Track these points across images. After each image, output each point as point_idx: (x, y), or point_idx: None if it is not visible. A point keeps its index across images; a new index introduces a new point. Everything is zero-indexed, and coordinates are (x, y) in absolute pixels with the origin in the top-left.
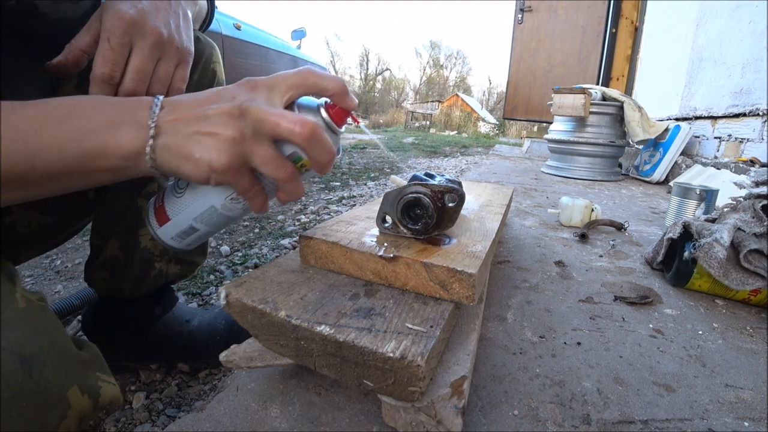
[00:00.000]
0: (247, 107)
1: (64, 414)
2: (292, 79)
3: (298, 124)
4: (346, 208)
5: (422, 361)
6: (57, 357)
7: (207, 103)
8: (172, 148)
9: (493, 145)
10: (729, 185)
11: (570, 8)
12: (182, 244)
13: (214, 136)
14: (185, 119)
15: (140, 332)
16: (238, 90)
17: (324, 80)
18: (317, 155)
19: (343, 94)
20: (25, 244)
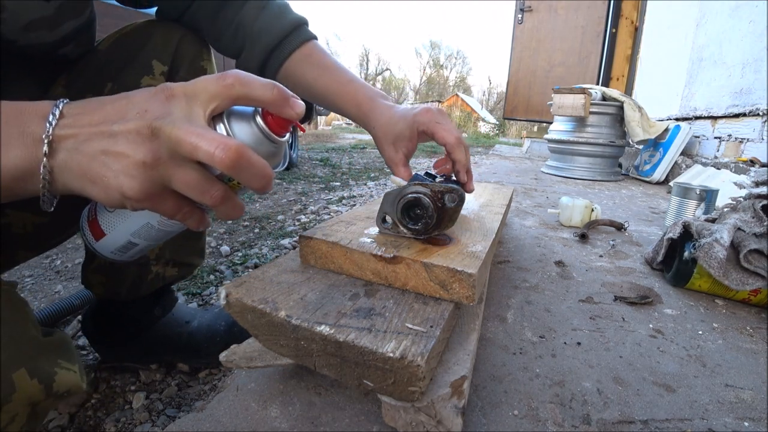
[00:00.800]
0: (159, 127)
1: (7, 397)
2: (215, 89)
3: (220, 147)
4: (346, 208)
5: (422, 361)
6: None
7: (115, 115)
8: (74, 169)
9: (493, 145)
10: (729, 185)
11: (570, 8)
12: (125, 257)
13: (123, 158)
14: (87, 135)
15: (140, 333)
16: (150, 101)
17: (255, 90)
18: (247, 180)
19: (280, 103)
20: (21, 245)
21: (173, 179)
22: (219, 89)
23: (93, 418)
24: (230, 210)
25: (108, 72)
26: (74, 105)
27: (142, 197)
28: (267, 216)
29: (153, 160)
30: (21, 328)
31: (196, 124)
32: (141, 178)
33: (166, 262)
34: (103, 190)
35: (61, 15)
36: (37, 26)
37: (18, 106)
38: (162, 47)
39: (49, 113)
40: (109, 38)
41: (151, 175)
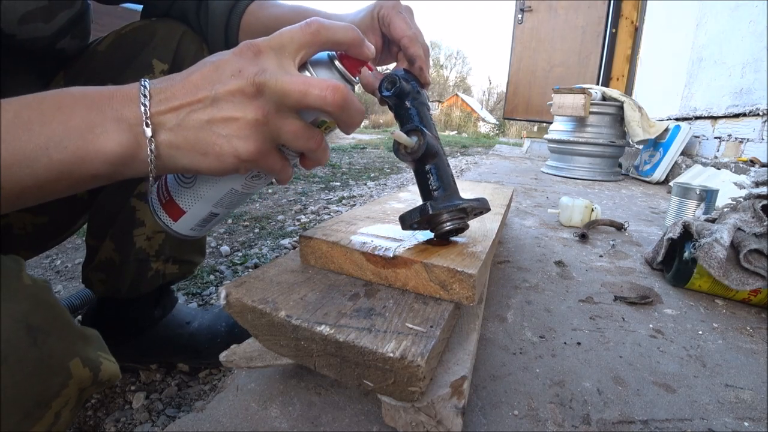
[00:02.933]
0: (263, 81)
1: (65, 383)
2: (301, 37)
3: (329, 90)
4: (346, 208)
5: (422, 361)
6: (60, 329)
7: (207, 81)
8: (183, 145)
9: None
10: (729, 185)
11: (570, 8)
12: (203, 232)
13: (233, 121)
14: (188, 107)
15: (139, 333)
16: (239, 60)
17: (337, 33)
18: (348, 119)
19: (359, 44)
20: (22, 245)
21: (282, 132)
22: (306, 38)
23: (93, 418)
24: (323, 154)
25: (108, 72)
26: (158, 83)
27: (258, 156)
28: (267, 216)
29: (264, 116)
30: (69, 320)
31: (293, 73)
32: (254, 137)
33: (167, 259)
34: (216, 159)
35: (55, 5)
36: (33, 18)
37: (104, 92)
38: (163, 46)
39: (139, 95)
40: (108, 38)
41: (263, 131)
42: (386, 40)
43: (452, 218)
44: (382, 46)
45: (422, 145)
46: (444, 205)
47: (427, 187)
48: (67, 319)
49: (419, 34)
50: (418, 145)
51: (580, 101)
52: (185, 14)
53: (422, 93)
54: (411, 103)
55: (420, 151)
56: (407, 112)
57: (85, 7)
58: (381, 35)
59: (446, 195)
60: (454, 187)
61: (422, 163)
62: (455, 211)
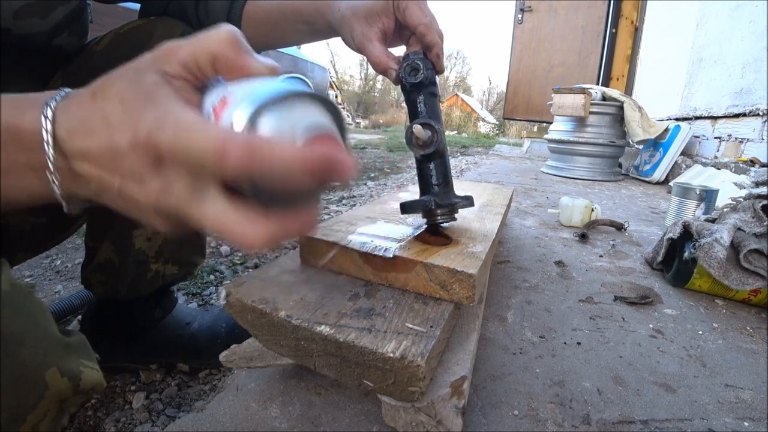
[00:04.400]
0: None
1: (41, 395)
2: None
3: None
4: (346, 208)
5: (422, 361)
6: (37, 338)
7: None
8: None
9: (493, 145)
10: (729, 185)
11: (570, 8)
12: None
13: (135, 203)
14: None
15: (139, 334)
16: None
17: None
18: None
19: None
20: (20, 246)
21: None
22: None
23: (93, 418)
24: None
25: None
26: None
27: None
28: None
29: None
30: (48, 328)
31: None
32: (163, 216)
33: (166, 260)
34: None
35: (52, 1)
36: (28, 13)
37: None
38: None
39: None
40: (106, 37)
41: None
42: (398, 23)
43: (444, 214)
44: (394, 29)
45: (435, 143)
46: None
47: (429, 180)
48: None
49: (435, 20)
50: (431, 141)
51: (580, 101)
52: (184, 12)
53: (437, 83)
54: (426, 92)
55: (432, 147)
56: (421, 101)
57: (83, 4)
58: (394, 19)
59: (444, 192)
60: (451, 184)
61: (429, 158)
62: (449, 208)
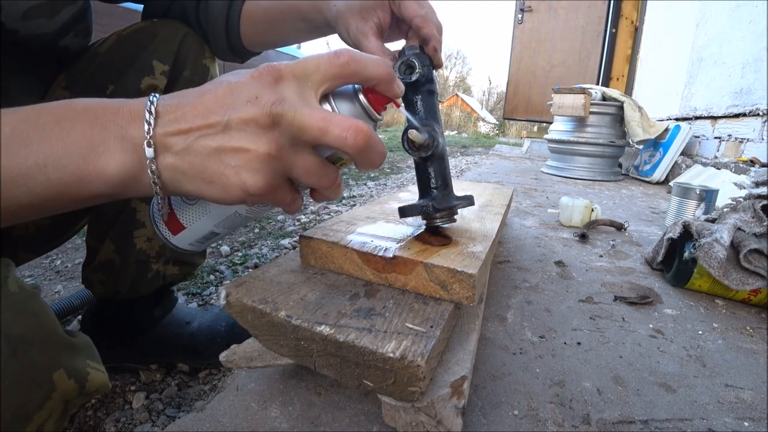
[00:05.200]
0: (281, 112)
1: (48, 395)
2: (328, 68)
3: (351, 131)
4: (346, 208)
5: (422, 361)
6: (44, 340)
7: (220, 105)
8: (188, 171)
9: (493, 145)
10: (729, 185)
11: (570, 8)
12: (200, 248)
13: (244, 152)
14: (198, 131)
15: (139, 334)
16: (257, 85)
17: (367, 67)
18: (368, 161)
19: (389, 81)
20: (22, 247)
21: (295, 167)
22: (333, 69)
23: (93, 418)
24: (336, 191)
25: (109, 74)
26: (168, 99)
27: (267, 190)
28: (267, 216)
29: (277, 150)
30: (54, 330)
31: (313, 106)
32: (265, 171)
33: (167, 261)
34: (221, 190)
35: (58, 2)
36: (36, 14)
37: (109, 107)
38: (164, 47)
39: (144, 111)
40: (109, 39)
41: (274, 166)
42: (395, 17)
43: (443, 216)
44: (391, 22)
45: (433, 146)
46: (441, 206)
47: (427, 183)
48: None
49: (432, 12)
50: (429, 144)
51: (580, 101)
52: (185, 14)
53: (434, 79)
54: (423, 91)
55: (430, 150)
56: (418, 101)
57: (88, 4)
58: (390, 12)
59: (443, 194)
60: (451, 185)
61: (427, 160)
62: (447, 210)
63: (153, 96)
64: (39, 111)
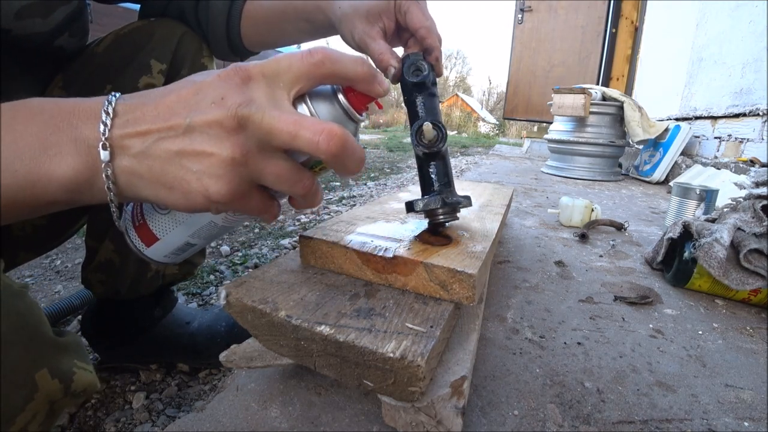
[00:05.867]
0: (247, 115)
1: (30, 396)
2: (301, 68)
3: (323, 135)
4: (346, 208)
5: (422, 361)
6: (27, 339)
7: (183, 106)
8: (145, 175)
9: (493, 145)
10: (729, 185)
11: (570, 8)
12: (177, 260)
13: (206, 157)
14: (157, 133)
15: (139, 334)
16: (224, 85)
17: (345, 66)
18: (344, 168)
19: (369, 80)
20: (21, 247)
21: (264, 173)
22: (307, 68)
23: (93, 418)
24: (314, 198)
25: (106, 73)
26: (128, 99)
27: (232, 198)
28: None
29: (242, 155)
30: (40, 329)
31: (284, 109)
32: (229, 177)
33: None
34: (183, 196)
35: (52, 2)
36: (30, 13)
37: (65, 107)
38: (161, 46)
39: (101, 111)
40: (107, 39)
41: (240, 172)
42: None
43: (447, 213)
44: (394, 30)
45: (440, 142)
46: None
47: (431, 180)
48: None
49: (434, 24)
50: (437, 140)
51: (580, 101)
52: (183, 13)
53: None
54: (426, 93)
55: (436, 147)
56: (422, 101)
57: (83, 4)
58: (395, 20)
59: (447, 191)
60: (453, 183)
61: (432, 157)
62: (452, 206)
63: (112, 95)
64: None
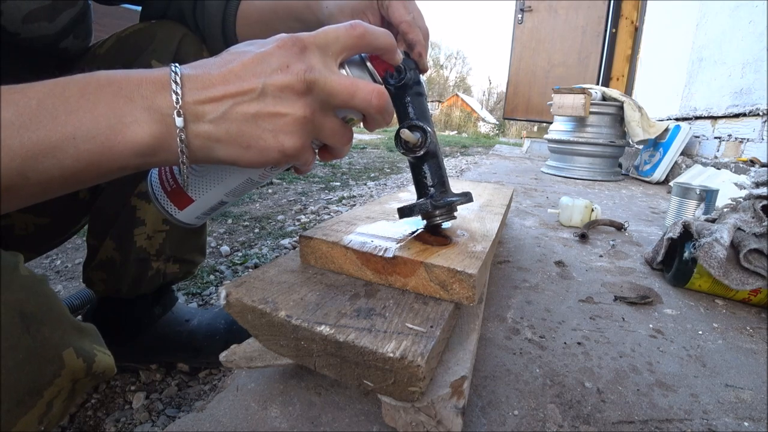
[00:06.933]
0: (314, 80)
1: (57, 372)
2: (347, 40)
3: (374, 94)
4: (346, 208)
5: (422, 361)
6: (55, 319)
7: (251, 73)
8: (223, 137)
9: (493, 145)
10: (729, 185)
11: (570, 8)
12: (203, 220)
13: (281, 117)
14: (232, 98)
15: (140, 332)
16: (286, 54)
17: (378, 39)
18: (382, 121)
19: (393, 50)
20: (23, 246)
21: (323, 129)
22: (351, 40)
23: (93, 418)
24: (348, 147)
25: None
26: (189, 69)
27: (301, 151)
28: (267, 216)
29: (311, 114)
30: (64, 311)
31: (338, 73)
32: (300, 133)
33: (167, 259)
34: (259, 153)
35: (58, 4)
36: (37, 17)
37: (132, 78)
38: (162, 48)
39: (170, 81)
40: (109, 41)
41: (308, 128)
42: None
43: (443, 214)
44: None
45: (425, 144)
46: (439, 203)
47: (423, 183)
48: (62, 310)
49: (419, 17)
50: (422, 143)
51: (580, 101)
52: (182, 14)
53: (422, 82)
54: (411, 93)
55: (423, 149)
56: (408, 103)
57: (87, 6)
58: (379, 15)
59: (440, 192)
60: (447, 183)
61: (422, 159)
62: (446, 207)
63: (174, 66)
64: (63, 84)
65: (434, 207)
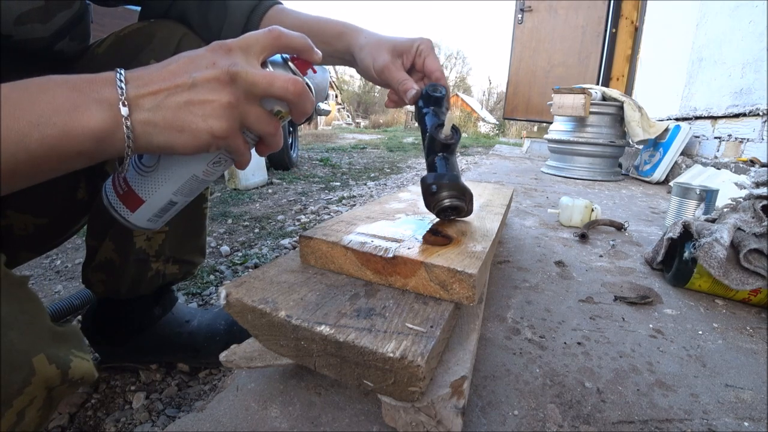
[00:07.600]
0: (236, 71)
1: (27, 380)
2: (265, 41)
3: (290, 83)
4: (346, 208)
5: (422, 361)
6: (25, 324)
7: (184, 71)
8: (159, 123)
9: (493, 145)
10: (729, 185)
11: (570, 8)
12: (158, 224)
13: (209, 103)
14: (166, 90)
15: (140, 333)
16: (213, 54)
17: (294, 40)
18: (302, 108)
19: (310, 50)
20: (22, 246)
21: (248, 115)
22: (269, 41)
23: (93, 418)
24: (278, 139)
25: None
26: (132, 71)
27: (229, 134)
28: (267, 216)
29: (236, 100)
30: (38, 316)
31: (258, 68)
32: (227, 117)
33: (167, 260)
34: (191, 136)
35: (52, 6)
36: (29, 18)
37: (84, 77)
38: (161, 47)
39: (115, 79)
40: (107, 40)
41: (233, 113)
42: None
43: (454, 196)
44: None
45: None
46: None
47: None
48: (35, 315)
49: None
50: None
51: (580, 101)
52: (184, 14)
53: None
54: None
55: (453, 140)
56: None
57: (84, 8)
58: (412, 62)
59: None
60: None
61: (446, 150)
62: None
63: (118, 69)
64: (24, 83)
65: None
